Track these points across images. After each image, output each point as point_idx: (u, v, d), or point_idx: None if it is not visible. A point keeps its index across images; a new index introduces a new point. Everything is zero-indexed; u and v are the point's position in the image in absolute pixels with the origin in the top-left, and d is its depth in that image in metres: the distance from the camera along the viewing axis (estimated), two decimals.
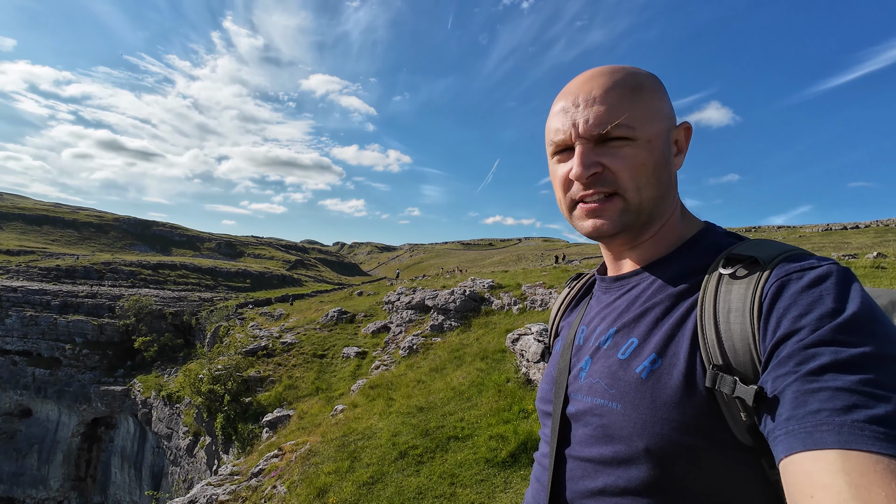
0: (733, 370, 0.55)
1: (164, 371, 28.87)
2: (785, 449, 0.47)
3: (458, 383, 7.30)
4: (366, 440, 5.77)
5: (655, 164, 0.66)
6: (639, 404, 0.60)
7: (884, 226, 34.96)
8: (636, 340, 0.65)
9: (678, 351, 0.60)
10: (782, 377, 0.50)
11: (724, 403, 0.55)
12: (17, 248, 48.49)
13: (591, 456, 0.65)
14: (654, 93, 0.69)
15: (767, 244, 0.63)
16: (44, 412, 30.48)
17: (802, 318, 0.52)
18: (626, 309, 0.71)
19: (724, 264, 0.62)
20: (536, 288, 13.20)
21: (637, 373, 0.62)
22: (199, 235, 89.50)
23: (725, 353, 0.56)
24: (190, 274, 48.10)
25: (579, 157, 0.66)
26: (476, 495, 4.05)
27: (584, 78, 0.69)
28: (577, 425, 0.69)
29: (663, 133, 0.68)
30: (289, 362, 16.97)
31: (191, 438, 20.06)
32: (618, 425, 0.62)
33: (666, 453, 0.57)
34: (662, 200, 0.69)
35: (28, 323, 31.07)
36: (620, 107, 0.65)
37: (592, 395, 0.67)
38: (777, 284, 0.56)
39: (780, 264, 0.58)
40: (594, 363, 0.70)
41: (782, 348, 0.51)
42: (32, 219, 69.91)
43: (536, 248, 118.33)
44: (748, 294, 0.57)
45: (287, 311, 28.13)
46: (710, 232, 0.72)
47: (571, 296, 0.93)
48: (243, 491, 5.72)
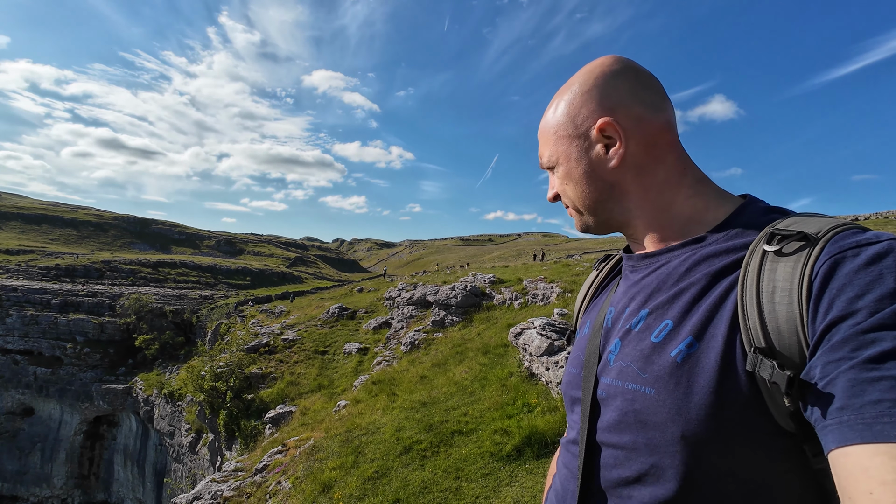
0: (777, 353, 0.52)
1: (166, 369, 28.93)
2: (837, 440, 0.44)
3: (460, 378, 7.30)
4: (369, 435, 5.78)
5: (576, 178, 0.72)
6: (674, 389, 0.57)
7: (884, 218, 34.96)
8: (671, 322, 0.62)
9: (716, 333, 0.57)
10: (835, 363, 0.47)
11: (765, 388, 0.53)
12: (17, 248, 48.44)
13: (622, 443, 0.63)
14: (564, 114, 0.72)
15: (816, 218, 0.59)
16: (46, 411, 30.56)
17: (860, 299, 0.47)
18: (657, 288, 0.68)
19: (767, 240, 0.57)
20: (538, 283, 13.19)
21: (672, 356, 0.59)
22: (198, 233, 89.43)
23: (769, 336, 0.53)
24: (190, 272, 48.06)
25: (550, 186, 0.79)
26: (481, 489, 4.05)
27: None
28: (607, 410, 0.67)
29: (573, 149, 0.72)
30: (290, 359, 16.99)
31: (193, 435, 20.14)
32: (651, 411, 0.59)
33: (702, 440, 0.55)
34: (602, 202, 0.72)
35: (29, 322, 31.08)
36: (543, 143, 0.76)
37: (623, 379, 0.65)
38: (830, 262, 0.51)
39: (832, 239, 0.53)
40: (624, 346, 0.67)
41: (835, 331, 0.48)
42: (31, 218, 69.79)
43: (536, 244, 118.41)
44: (796, 272, 0.53)
45: (288, 308, 28.14)
46: (750, 206, 0.67)
47: (601, 278, 0.90)
48: (248, 487, 5.73)
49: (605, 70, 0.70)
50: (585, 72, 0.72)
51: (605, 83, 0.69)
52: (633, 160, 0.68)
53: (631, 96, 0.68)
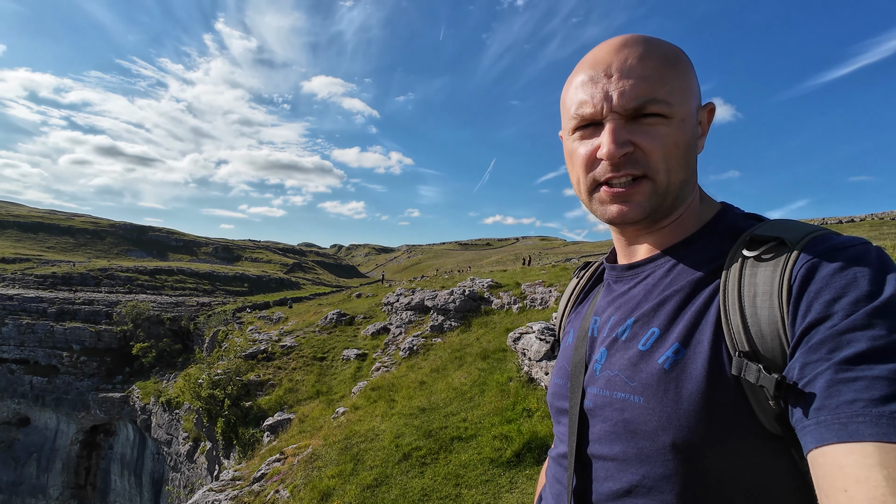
0: (760, 357, 0.53)
1: (163, 377, 28.74)
2: (815, 440, 0.45)
3: (459, 383, 7.27)
4: (368, 442, 5.73)
5: (687, 145, 0.62)
6: (663, 397, 0.57)
7: (878, 219, 35.14)
8: (657, 330, 0.62)
9: (702, 339, 0.57)
10: (813, 364, 0.47)
11: (750, 392, 0.53)
12: (13, 256, 48.21)
13: (613, 454, 0.62)
14: (689, 68, 0.65)
15: (792, 224, 0.59)
16: (42, 420, 30.30)
17: (836, 302, 0.49)
18: (643, 298, 0.67)
19: (747, 246, 0.59)
20: (536, 287, 13.18)
21: (660, 364, 0.59)
22: (195, 240, 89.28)
23: (752, 340, 0.54)
24: (187, 279, 47.92)
25: (611, 135, 0.60)
26: (482, 496, 4.02)
27: (616, 45, 0.62)
28: (596, 421, 0.66)
29: (694, 112, 0.64)
30: (288, 365, 16.91)
31: (191, 444, 19.97)
32: (641, 420, 0.59)
33: (693, 447, 0.54)
34: (688, 184, 0.65)
35: (25, 331, 30.89)
36: (660, 80, 0.60)
37: (611, 388, 0.64)
38: (807, 266, 0.53)
39: (809, 244, 0.55)
40: (611, 355, 0.67)
41: (813, 333, 0.49)
42: (27, 226, 69.58)
43: (534, 247, 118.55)
44: (776, 277, 0.54)
45: (286, 315, 28.04)
46: (728, 213, 0.68)
47: (581, 286, 0.88)
48: (246, 496, 5.67)
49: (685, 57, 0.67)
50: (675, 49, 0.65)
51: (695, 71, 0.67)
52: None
53: None
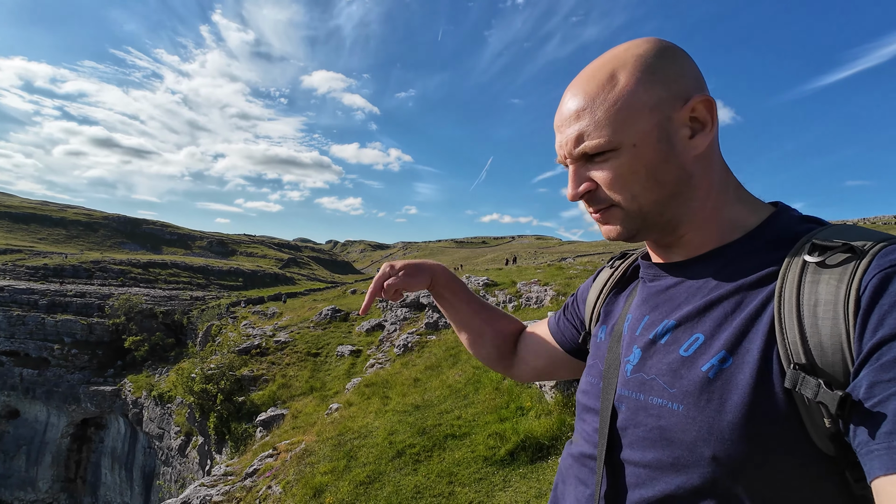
0: (818, 371, 0.49)
1: (155, 371, 28.60)
2: (884, 467, 0.41)
3: (454, 381, 7.26)
4: (362, 439, 5.72)
5: (649, 166, 0.60)
6: (705, 406, 0.54)
7: (870, 223, 35.51)
8: (702, 336, 0.58)
9: (751, 348, 0.53)
10: (884, 384, 0.43)
11: (804, 407, 0.49)
12: (4, 247, 47.76)
13: (646, 461, 0.59)
14: (637, 83, 0.59)
15: (861, 230, 0.55)
16: (32, 413, 30.07)
17: None
18: (684, 300, 0.64)
19: (809, 251, 0.54)
20: (531, 285, 13.20)
21: (703, 371, 0.55)
22: (190, 234, 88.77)
23: (810, 352, 0.49)
24: (181, 272, 47.65)
25: (571, 180, 0.65)
26: (475, 494, 4.01)
27: (568, 87, 0.65)
28: (628, 425, 0.63)
29: (653, 128, 0.59)
30: (282, 361, 16.86)
31: (183, 438, 19.89)
32: (679, 428, 0.56)
33: (735, 461, 0.51)
34: (673, 198, 0.61)
35: (15, 322, 30.62)
36: (593, 120, 0.60)
37: (647, 392, 0.61)
38: (880, 276, 0.48)
39: (881, 252, 0.50)
40: (647, 357, 0.64)
41: (885, 350, 0.44)
42: (19, 217, 68.92)
43: (530, 246, 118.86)
44: (842, 286, 0.49)
45: (280, 310, 27.96)
46: (782, 215, 0.63)
47: (615, 277, 0.83)
48: (237, 491, 5.64)
49: (673, 48, 0.62)
50: (654, 42, 0.62)
51: (683, 59, 0.61)
52: (708, 151, 0.62)
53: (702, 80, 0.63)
